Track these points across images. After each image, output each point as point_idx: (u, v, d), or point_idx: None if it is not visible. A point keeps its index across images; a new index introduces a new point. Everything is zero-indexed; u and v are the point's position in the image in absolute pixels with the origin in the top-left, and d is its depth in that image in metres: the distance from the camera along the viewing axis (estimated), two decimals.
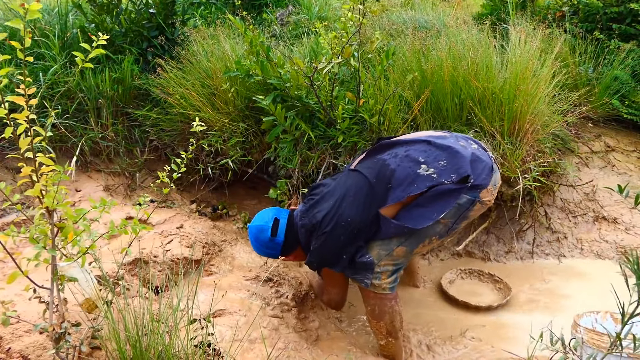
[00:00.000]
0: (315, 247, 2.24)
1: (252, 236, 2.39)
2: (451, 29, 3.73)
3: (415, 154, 2.17)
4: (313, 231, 2.24)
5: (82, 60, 1.61)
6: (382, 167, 2.18)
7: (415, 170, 2.12)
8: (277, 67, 2.87)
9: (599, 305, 2.64)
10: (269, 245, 2.36)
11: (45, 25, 3.56)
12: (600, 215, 3.45)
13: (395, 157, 2.19)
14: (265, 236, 2.34)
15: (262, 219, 2.38)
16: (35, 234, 1.55)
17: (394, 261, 2.23)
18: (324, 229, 2.19)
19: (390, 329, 2.33)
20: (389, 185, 2.14)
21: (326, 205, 2.22)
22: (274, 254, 2.39)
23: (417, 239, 2.18)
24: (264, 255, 2.44)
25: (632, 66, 3.85)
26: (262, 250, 2.41)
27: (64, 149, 3.28)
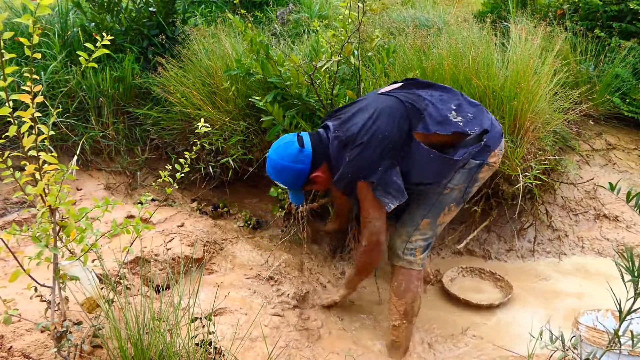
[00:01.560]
0: (351, 158, 2.17)
1: (276, 155, 2.27)
2: (452, 27, 3.73)
3: (449, 100, 2.27)
4: (347, 144, 2.20)
5: (86, 59, 1.61)
6: (418, 98, 2.25)
7: (446, 113, 2.21)
8: (277, 66, 2.87)
9: (600, 303, 2.65)
10: (299, 158, 2.25)
11: (45, 24, 3.56)
12: (601, 213, 3.45)
13: (431, 96, 2.27)
14: (294, 148, 2.25)
15: (283, 139, 2.32)
16: (38, 232, 1.55)
17: (423, 236, 2.36)
18: (360, 140, 2.16)
19: (408, 310, 2.39)
20: (422, 115, 2.20)
21: (361, 119, 2.20)
22: (302, 171, 2.26)
23: (438, 207, 2.33)
24: (289, 181, 2.31)
25: (632, 64, 3.84)
26: (288, 170, 2.26)
27: (65, 147, 3.28)
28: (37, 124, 1.48)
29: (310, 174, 2.29)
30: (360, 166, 2.17)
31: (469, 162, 2.23)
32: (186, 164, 1.98)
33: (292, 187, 2.36)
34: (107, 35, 1.65)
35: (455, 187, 2.29)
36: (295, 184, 2.33)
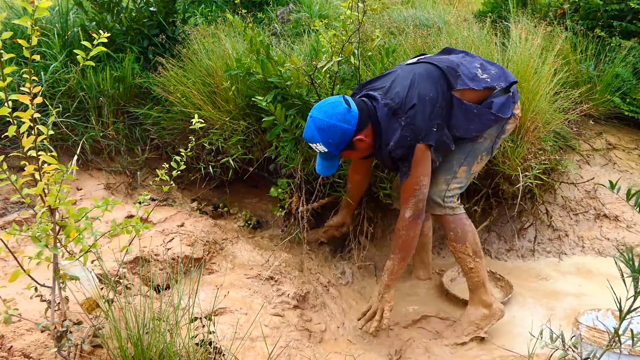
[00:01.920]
0: (407, 122, 2.22)
1: (322, 114, 2.24)
2: (452, 27, 3.73)
3: (473, 61, 2.45)
4: (398, 109, 2.24)
5: (84, 58, 1.61)
6: (448, 61, 2.39)
7: (474, 71, 2.37)
8: (278, 66, 2.87)
9: (600, 303, 2.65)
10: (346, 117, 2.22)
11: (45, 24, 3.56)
12: (601, 213, 3.45)
13: (457, 57, 2.45)
14: (342, 107, 2.23)
15: (327, 100, 2.31)
16: (37, 232, 1.55)
17: (459, 184, 2.49)
18: (410, 103, 2.22)
19: (475, 249, 2.51)
20: (457, 73, 2.33)
21: (403, 86, 2.27)
22: (348, 131, 2.23)
23: (473, 155, 2.45)
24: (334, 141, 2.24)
25: (633, 64, 3.84)
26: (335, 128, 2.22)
27: (65, 147, 3.28)
28: (37, 125, 1.47)
29: (354, 136, 2.27)
30: (418, 128, 2.22)
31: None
32: (182, 162, 1.97)
33: (333, 150, 2.28)
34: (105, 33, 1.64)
35: (487, 137, 2.43)
36: (338, 146, 2.27)
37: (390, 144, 2.26)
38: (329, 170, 2.41)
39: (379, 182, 2.98)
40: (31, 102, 1.46)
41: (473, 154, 2.45)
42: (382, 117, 2.26)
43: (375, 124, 2.30)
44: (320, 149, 2.28)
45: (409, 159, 2.27)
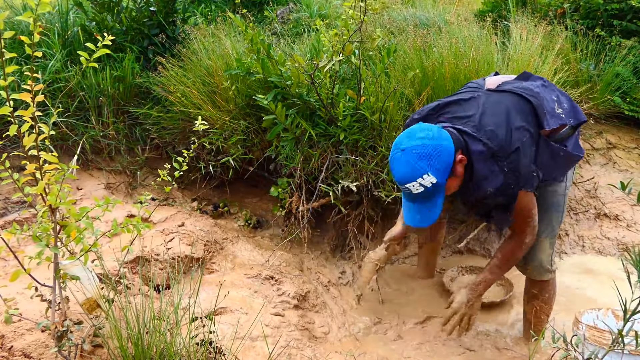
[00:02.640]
0: (510, 169, 1.97)
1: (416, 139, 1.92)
2: (452, 26, 3.72)
3: (550, 92, 2.18)
4: (497, 152, 1.97)
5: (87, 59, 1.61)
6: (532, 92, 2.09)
7: (552, 105, 2.13)
8: (278, 65, 2.87)
9: (600, 302, 2.65)
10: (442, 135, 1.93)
11: (46, 24, 3.56)
12: (601, 212, 3.45)
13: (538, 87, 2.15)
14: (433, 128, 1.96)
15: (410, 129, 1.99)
16: (38, 231, 1.55)
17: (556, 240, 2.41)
18: (513, 148, 1.96)
19: (552, 309, 2.47)
20: (544, 110, 2.06)
21: (497, 123, 2.00)
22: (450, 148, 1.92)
23: (564, 208, 2.32)
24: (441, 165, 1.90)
25: (633, 63, 3.84)
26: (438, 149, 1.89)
27: (65, 147, 3.28)
28: (38, 123, 1.47)
29: (456, 155, 1.95)
30: (522, 175, 2.00)
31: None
32: (184, 162, 1.97)
33: (441, 178, 1.92)
34: (108, 35, 1.64)
35: (570, 184, 2.34)
36: (446, 170, 1.92)
37: (488, 189, 1.99)
38: (432, 214, 1.99)
39: (380, 182, 2.97)
40: (32, 100, 1.46)
41: (564, 206, 2.31)
42: (477, 154, 1.97)
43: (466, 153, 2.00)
44: (428, 182, 1.90)
45: (510, 207, 2.05)
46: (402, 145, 1.93)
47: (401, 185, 1.96)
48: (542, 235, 2.28)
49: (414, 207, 2.02)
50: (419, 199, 1.97)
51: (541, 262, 2.33)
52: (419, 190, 1.92)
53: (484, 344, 2.54)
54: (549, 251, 2.32)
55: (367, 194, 3.02)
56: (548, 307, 2.44)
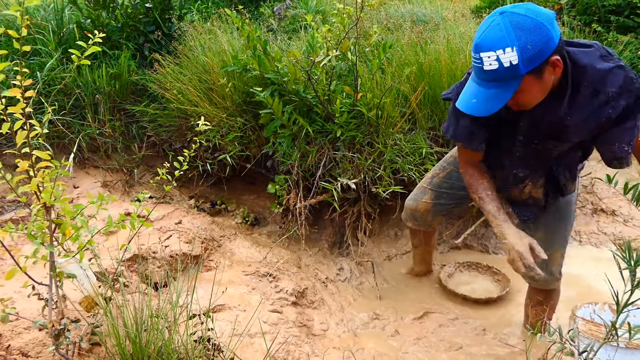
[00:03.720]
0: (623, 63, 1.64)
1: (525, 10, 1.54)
2: (449, 23, 3.73)
3: None
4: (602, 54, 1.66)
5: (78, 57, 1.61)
6: None
7: None
8: (275, 62, 2.86)
9: (597, 296, 2.65)
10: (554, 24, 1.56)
11: (41, 21, 3.55)
12: (598, 207, 3.46)
13: None
14: (548, 12, 1.57)
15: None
16: (33, 230, 1.54)
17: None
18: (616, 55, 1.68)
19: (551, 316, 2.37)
20: None
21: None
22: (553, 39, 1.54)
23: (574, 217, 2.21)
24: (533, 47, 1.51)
25: (630, 58, 3.84)
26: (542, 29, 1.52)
27: (62, 145, 3.27)
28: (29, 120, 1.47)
29: (554, 53, 1.56)
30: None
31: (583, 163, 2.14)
32: (185, 162, 1.97)
33: (524, 66, 1.54)
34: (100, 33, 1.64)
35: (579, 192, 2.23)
36: (535, 57, 1.54)
37: (610, 90, 1.62)
38: (493, 103, 1.62)
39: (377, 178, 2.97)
40: (22, 95, 1.45)
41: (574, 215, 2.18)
42: (588, 63, 1.65)
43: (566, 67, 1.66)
44: (507, 59, 1.54)
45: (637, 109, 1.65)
46: (504, 9, 1.58)
47: (476, 53, 1.59)
48: (554, 247, 2.15)
49: (475, 88, 1.67)
50: (485, 80, 1.63)
51: (552, 273, 2.23)
52: (491, 66, 1.57)
53: (481, 339, 2.55)
54: (560, 261, 2.23)
55: (364, 191, 3.02)
56: (551, 312, 2.39)
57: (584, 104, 1.67)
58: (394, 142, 2.96)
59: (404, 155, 2.95)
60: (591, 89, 1.65)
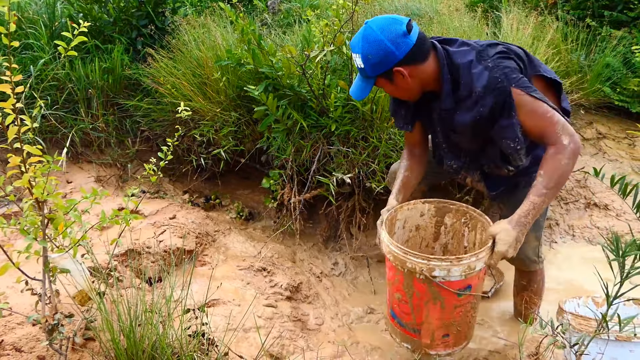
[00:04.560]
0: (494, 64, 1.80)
1: (377, 26, 1.82)
2: (443, 16, 3.72)
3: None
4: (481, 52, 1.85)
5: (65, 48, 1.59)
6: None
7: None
8: (269, 56, 2.85)
9: (589, 290, 2.67)
10: (398, 40, 1.81)
11: (33, 15, 3.52)
12: (591, 201, 3.47)
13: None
14: (399, 29, 1.81)
15: (393, 16, 1.89)
16: (26, 225, 1.54)
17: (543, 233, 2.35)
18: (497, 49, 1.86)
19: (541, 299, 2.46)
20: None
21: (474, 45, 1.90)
22: (392, 55, 1.82)
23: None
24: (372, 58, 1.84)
25: (623, 53, 3.85)
26: (380, 46, 1.81)
27: (54, 140, 3.25)
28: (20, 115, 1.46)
29: (397, 65, 1.85)
30: (508, 69, 1.81)
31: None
32: (169, 152, 1.97)
33: (369, 70, 1.89)
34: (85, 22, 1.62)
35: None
36: (375, 67, 1.87)
37: (476, 90, 1.82)
38: (360, 92, 1.98)
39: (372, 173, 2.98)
40: (12, 91, 1.44)
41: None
42: (461, 62, 1.86)
43: (442, 68, 1.89)
44: (358, 62, 1.91)
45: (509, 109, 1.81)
46: (371, 21, 1.88)
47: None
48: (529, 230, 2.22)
49: (356, 79, 2.00)
50: (359, 74, 1.98)
51: (527, 254, 2.33)
52: (355, 63, 1.93)
53: (475, 333, 2.56)
54: (534, 243, 2.31)
55: (358, 185, 3.02)
56: (537, 297, 2.46)
57: (464, 101, 1.88)
58: (388, 136, 2.95)
59: (398, 149, 2.95)
60: (467, 87, 1.85)
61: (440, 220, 2.30)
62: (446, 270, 1.85)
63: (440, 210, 2.27)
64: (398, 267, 1.97)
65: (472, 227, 2.19)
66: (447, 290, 1.89)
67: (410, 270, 1.90)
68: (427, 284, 1.90)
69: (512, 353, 2.31)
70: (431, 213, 2.30)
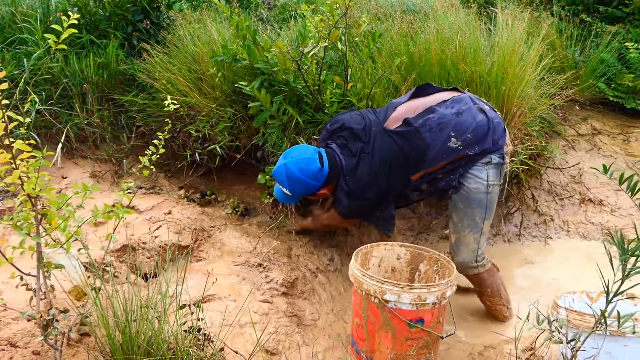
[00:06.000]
0: (353, 208, 2.53)
1: (296, 168, 2.42)
2: (439, 12, 3.72)
3: (447, 125, 2.34)
4: (352, 192, 2.47)
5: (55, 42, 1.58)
6: (418, 140, 2.36)
7: (447, 143, 2.33)
8: (264, 51, 2.84)
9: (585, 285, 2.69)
10: (316, 176, 2.42)
11: (27, 10, 3.49)
12: (586, 197, 3.49)
13: (430, 130, 2.35)
14: (315, 167, 2.41)
15: (304, 152, 2.45)
16: (19, 220, 1.53)
17: (485, 237, 2.49)
18: (365, 196, 2.45)
19: (507, 297, 2.61)
20: (425, 157, 2.36)
21: (366, 173, 2.41)
22: (314, 187, 2.47)
23: (491, 207, 2.43)
24: (298, 192, 2.50)
25: (618, 49, 3.86)
26: (303, 183, 2.44)
27: (49, 135, 3.23)
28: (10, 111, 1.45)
29: (318, 190, 2.50)
30: (362, 214, 2.60)
31: (492, 158, 2.37)
32: (161, 145, 1.96)
33: (295, 197, 2.54)
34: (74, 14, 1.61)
35: (495, 184, 2.41)
36: (300, 195, 2.52)
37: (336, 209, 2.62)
38: (286, 201, 2.69)
39: None
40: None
41: (490, 205, 2.43)
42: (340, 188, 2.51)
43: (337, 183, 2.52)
44: (285, 191, 2.50)
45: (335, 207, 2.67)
46: (287, 159, 2.45)
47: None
48: (465, 230, 2.44)
49: (279, 189, 2.55)
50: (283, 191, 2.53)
51: (463, 258, 2.47)
52: (284, 190, 2.50)
53: (470, 328, 2.58)
54: (473, 246, 2.44)
55: None
56: (498, 298, 2.56)
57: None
58: None
59: None
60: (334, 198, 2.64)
61: (415, 267, 2.44)
62: (397, 295, 1.96)
63: (415, 257, 2.43)
64: (358, 289, 2.10)
65: (442, 275, 2.30)
66: (398, 319, 1.99)
67: (367, 293, 2.03)
68: (380, 308, 2.01)
69: (507, 348, 2.32)
70: (407, 258, 2.44)
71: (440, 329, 2.10)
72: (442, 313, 2.10)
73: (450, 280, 2.06)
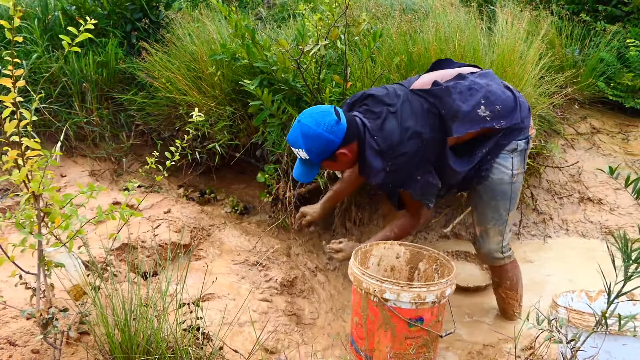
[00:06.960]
0: (391, 169, 2.19)
1: (311, 121, 2.16)
2: (438, 11, 3.71)
3: (478, 92, 2.24)
4: (384, 152, 2.19)
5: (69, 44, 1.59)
6: (449, 99, 2.21)
7: (476, 109, 2.21)
8: (264, 50, 2.84)
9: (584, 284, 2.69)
10: (334, 129, 2.14)
11: (25, 8, 3.48)
12: (585, 196, 3.49)
13: (460, 93, 2.23)
14: (331, 118, 2.14)
15: (318, 107, 2.24)
16: (21, 219, 1.53)
17: (510, 227, 2.43)
18: (399, 152, 2.18)
19: (521, 293, 2.56)
20: (456, 118, 2.20)
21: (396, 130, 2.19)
22: (333, 142, 2.15)
23: (515, 197, 2.38)
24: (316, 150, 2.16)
25: (617, 48, 3.87)
26: (320, 138, 2.14)
27: (48, 134, 3.23)
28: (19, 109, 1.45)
29: (338, 149, 2.19)
30: (400, 178, 2.24)
31: (518, 145, 2.30)
32: (177, 152, 1.97)
33: (314, 159, 2.21)
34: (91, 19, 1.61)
35: (519, 172, 2.35)
36: (319, 155, 2.20)
37: (371, 181, 2.29)
38: (306, 177, 2.32)
39: None
40: (13, 85, 1.43)
41: (514, 195, 2.37)
42: (369, 149, 2.21)
43: (361, 144, 2.23)
44: (302, 155, 2.21)
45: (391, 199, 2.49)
46: (300, 116, 2.21)
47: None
48: (489, 222, 2.39)
49: (298, 165, 2.31)
50: (301, 162, 2.28)
51: (489, 250, 2.43)
52: (299, 155, 2.24)
53: (469, 327, 2.58)
54: (498, 238, 2.41)
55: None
56: (514, 292, 2.52)
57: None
58: None
59: None
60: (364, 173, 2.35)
61: (415, 266, 2.43)
62: (396, 293, 1.96)
63: (415, 256, 2.42)
64: (357, 288, 2.09)
65: (441, 274, 2.30)
66: (398, 317, 1.99)
67: (366, 292, 2.03)
68: (380, 307, 2.01)
69: (506, 347, 2.33)
70: (406, 257, 2.43)
71: (439, 328, 2.10)
72: (442, 312, 2.10)
73: (449, 279, 2.06)
